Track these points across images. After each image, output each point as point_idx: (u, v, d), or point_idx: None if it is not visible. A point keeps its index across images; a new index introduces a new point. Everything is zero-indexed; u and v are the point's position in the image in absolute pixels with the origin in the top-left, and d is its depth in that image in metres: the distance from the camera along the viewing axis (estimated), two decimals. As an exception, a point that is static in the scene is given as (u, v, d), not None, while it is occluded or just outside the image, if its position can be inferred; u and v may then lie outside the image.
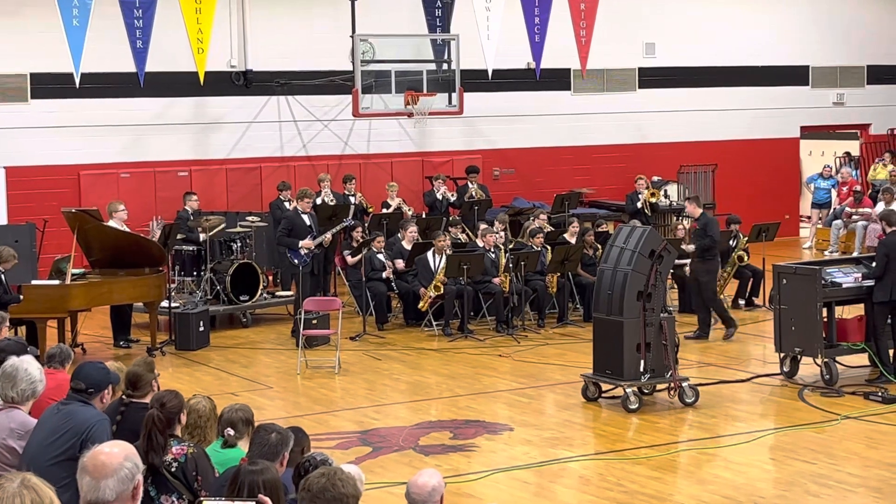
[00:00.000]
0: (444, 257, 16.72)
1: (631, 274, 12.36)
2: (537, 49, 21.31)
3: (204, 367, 15.08)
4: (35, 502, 3.99)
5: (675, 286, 17.86)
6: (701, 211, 16.51)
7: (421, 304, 16.88)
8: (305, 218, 16.82)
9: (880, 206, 21.73)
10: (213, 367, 15.03)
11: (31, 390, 7.16)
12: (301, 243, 16.46)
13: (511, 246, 17.81)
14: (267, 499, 4.86)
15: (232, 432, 7.10)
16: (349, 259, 17.64)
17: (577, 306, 17.80)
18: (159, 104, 20.79)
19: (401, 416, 12.60)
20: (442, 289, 16.58)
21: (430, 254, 17.00)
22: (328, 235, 17.05)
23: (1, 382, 7.21)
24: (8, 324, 11.18)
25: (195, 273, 17.66)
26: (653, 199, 21.27)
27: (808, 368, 13.58)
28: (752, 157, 25.77)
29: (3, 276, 14.14)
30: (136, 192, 20.27)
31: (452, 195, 21.16)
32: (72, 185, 20.23)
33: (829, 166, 25.43)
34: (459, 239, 18.39)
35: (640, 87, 24.84)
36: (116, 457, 4.43)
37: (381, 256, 17.38)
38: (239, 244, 17.77)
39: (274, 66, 21.51)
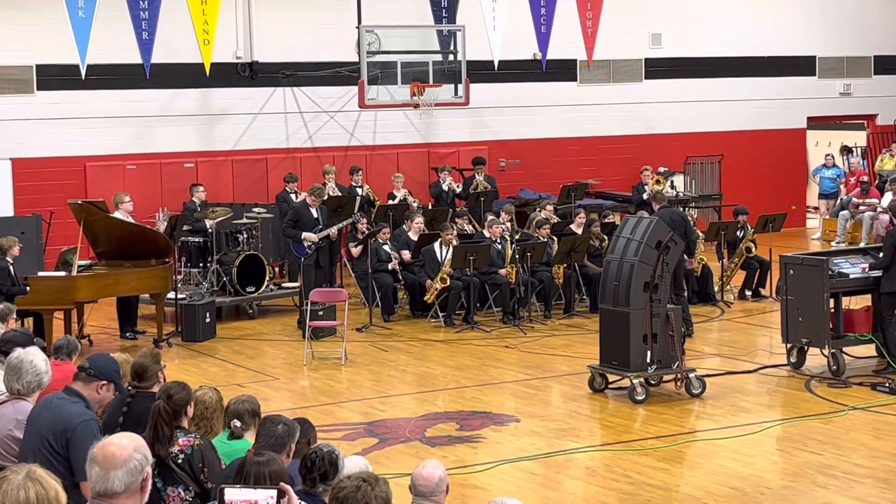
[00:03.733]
0: (450, 249, 16.71)
1: (637, 265, 12.34)
2: (543, 40, 21.27)
3: (210, 358, 15.09)
4: (40, 494, 3.99)
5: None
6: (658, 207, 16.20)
7: (427, 297, 16.87)
8: (313, 211, 16.84)
9: (888, 197, 21.71)
10: (220, 359, 15.04)
11: (36, 382, 7.15)
12: (304, 235, 16.47)
13: (517, 237, 17.78)
14: (288, 486, 4.86)
15: (238, 424, 7.10)
16: (353, 250, 17.64)
17: (584, 297, 17.78)
18: (165, 96, 20.79)
19: (407, 407, 12.61)
20: (448, 281, 16.56)
21: (437, 245, 16.99)
22: (334, 230, 17.05)
23: (7, 374, 7.20)
24: (15, 315, 11.19)
25: (201, 264, 17.67)
26: (658, 187, 21.23)
27: (816, 359, 13.55)
28: (759, 148, 25.72)
29: (11, 267, 14.16)
30: (143, 183, 20.28)
31: (458, 186, 21.15)
32: (78, 176, 20.23)
33: (830, 155, 25.37)
34: (466, 230, 18.38)
35: (646, 78, 24.79)
36: (126, 448, 4.43)
37: (387, 248, 17.38)
38: (245, 235, 17.77)
39: (280, 58, 21.49)
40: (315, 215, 16.82)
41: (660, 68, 24.77)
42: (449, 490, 6.05)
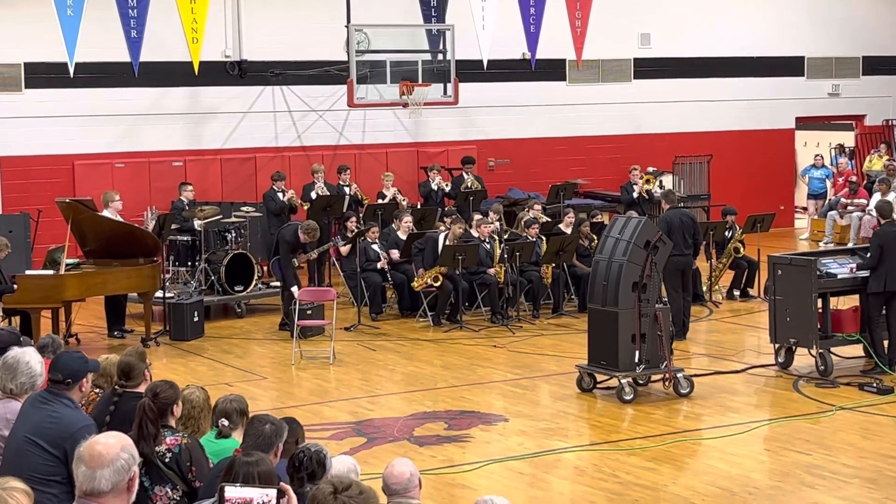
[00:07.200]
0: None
1: (626, 265, 12.35)
2: (533, 39, 21.28)
3: (198, 357, 15.06)
4: None
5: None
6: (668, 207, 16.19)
7: (415, 284, 16.81)
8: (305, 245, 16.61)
9: (876, 197, 21.75)
10: (208, 358, 15.01)
11: (30, 384, 7.08)
12: (292, 289, 15.80)
13: (506, 236, 17.79)
14: (288, 486, 4.85)
15: (226, 423, 7.10)
16: (342, 249, 17.61)
17: (572, 297, 17.79)
18: (154, 94, 20.75)
19: (395, 406, 12.60)
20: (440, 280, 16.51)
21: (441, 237, 16.97)
22: (313, 254, 16.98)
23: (1, 373, 7.14)
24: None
25: (190, 263, 17.64)
26: (648, 186, 21.24)
27: (803, 359, 13.58)
28: (748, 148, 25.77)
29: (-1, 267, 14.14)
30: (131, 182, 20.24)
31: (447, 185, 21.15)
32: (66, 174, 20.19)
33: (819, 155, 25.42)
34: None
35: (635, 78, 24.82)
36: (113, 448, 4.43)
37: (375, 247, 17.37)
38: (233, 234, 17.74)
39: (268, 56, 21.47)
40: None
41: (649, 68, 24.80)
42: (421, 484, 6.05)
